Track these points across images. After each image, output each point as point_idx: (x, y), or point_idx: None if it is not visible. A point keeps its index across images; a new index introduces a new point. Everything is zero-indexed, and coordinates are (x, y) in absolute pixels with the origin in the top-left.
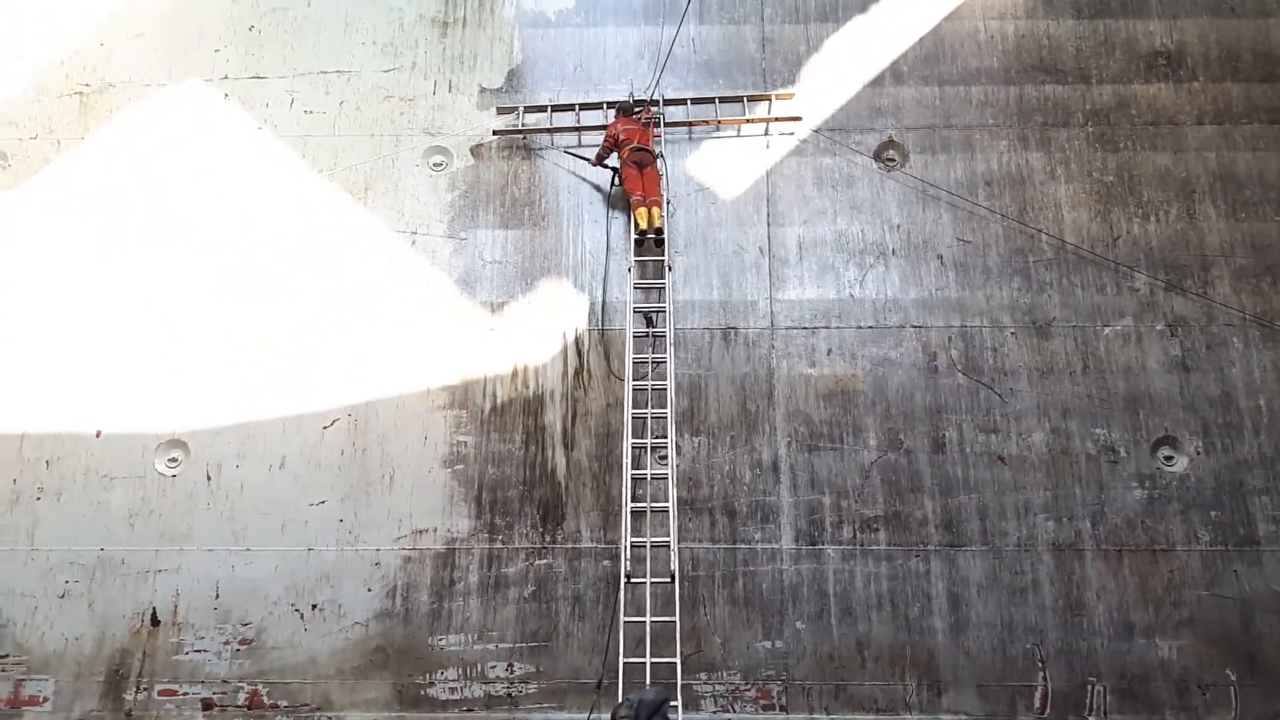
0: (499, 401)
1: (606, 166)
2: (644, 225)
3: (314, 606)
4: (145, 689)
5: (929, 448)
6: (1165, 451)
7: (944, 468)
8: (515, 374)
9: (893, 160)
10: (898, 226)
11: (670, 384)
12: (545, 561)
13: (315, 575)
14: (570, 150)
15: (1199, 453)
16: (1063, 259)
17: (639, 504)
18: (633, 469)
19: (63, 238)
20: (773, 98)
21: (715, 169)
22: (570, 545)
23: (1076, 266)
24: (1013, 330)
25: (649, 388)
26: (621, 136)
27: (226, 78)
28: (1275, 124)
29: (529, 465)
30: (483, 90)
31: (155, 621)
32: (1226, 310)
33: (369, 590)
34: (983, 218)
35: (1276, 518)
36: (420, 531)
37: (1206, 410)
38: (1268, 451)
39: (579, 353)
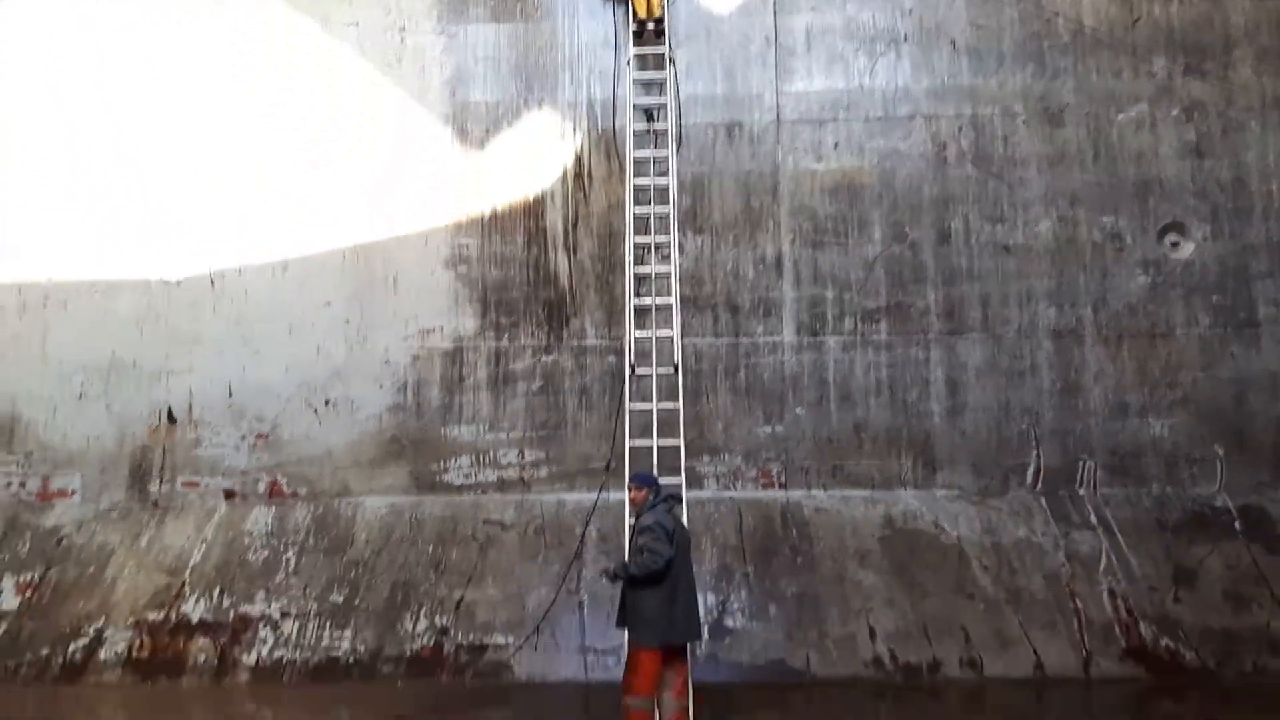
0: (499, 203)
1: None
2: (643, 14)
3: (327, 403)
4: (168, 481)
5: (934, 239)
6: (1172, 237)
7: (948, 258)
8: (515, 174)
9: None
10: (910, 11)
11: (672, 180)
12: (552, 358)
13: (326, 374)
14: None
15: (1206, 238)
16: (1079, 43)
17: (643, 300)
18: (636, 266)
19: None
20: None
21: None
22: (576, 342)
23: (1093, 50)
24: (1024, 118)
25: (651, 185)
26: None
27: None
28: None
29: (532, 266)
30: None
31: (172, 420)
32: (1246, 93)
33: (380, 387)
34: (998, 0)
35: (1278, 301)
36: (427, 331)
37: (1217, 195)
38: (1275, 236)
39: (578, 152)
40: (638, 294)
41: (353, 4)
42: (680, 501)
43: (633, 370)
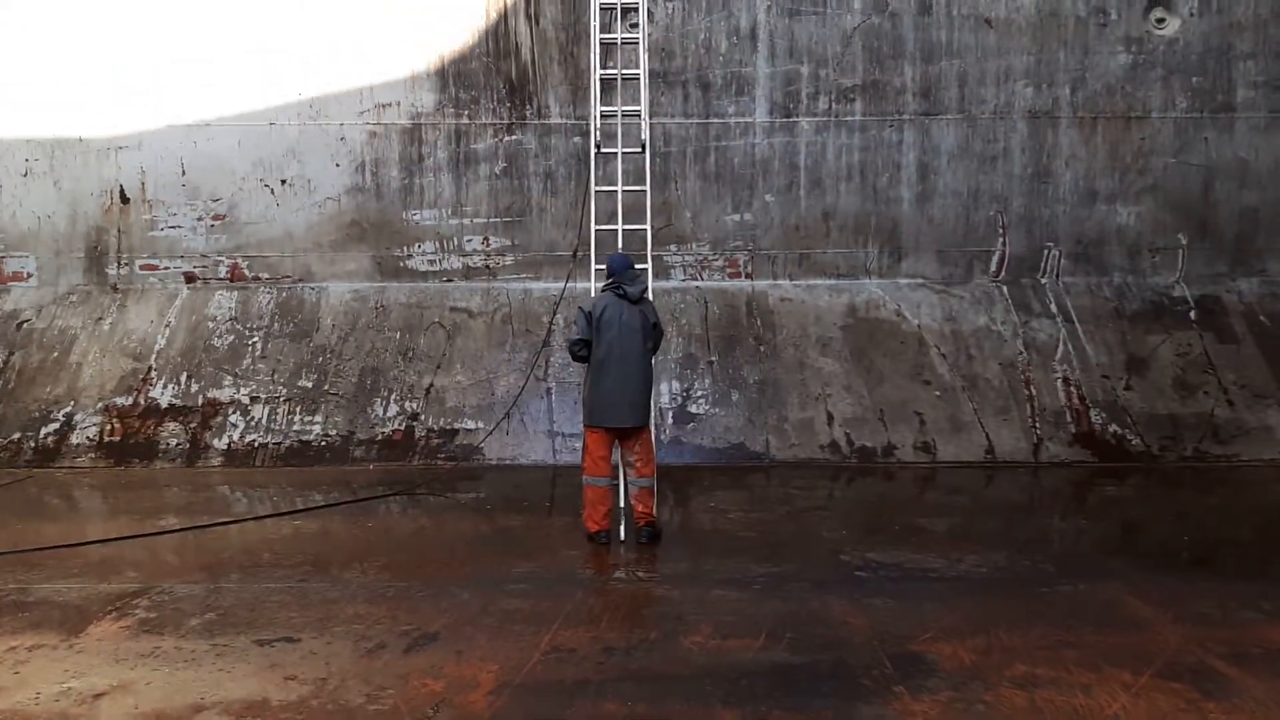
0: None
1: None
2: None
3: (283, 182)
4: (126, 265)
5: (915, 9)
6: (1158, 13)
7: (928, 31)
8: None
9: None
10: None
11: None
12: (515, 138)
13: (280, 151)
14: None
15: (1192, 14)
16: None
17: (609, 72)
18: (602, 34)
19: None
20: None
21: None
22: (539, 121)
23: None
24: None
25: None
26: None
27: None
28: None
29: (492, 35)
30: None
31: (124, 199)
32: None
33: (337, 165)
34: None
35: (1258, 83)
36: (383, 106)
37: None
38: (1263, 12)
39: None
40: (604, 66)
41: None
42: (631, 284)
43: (598, 150)
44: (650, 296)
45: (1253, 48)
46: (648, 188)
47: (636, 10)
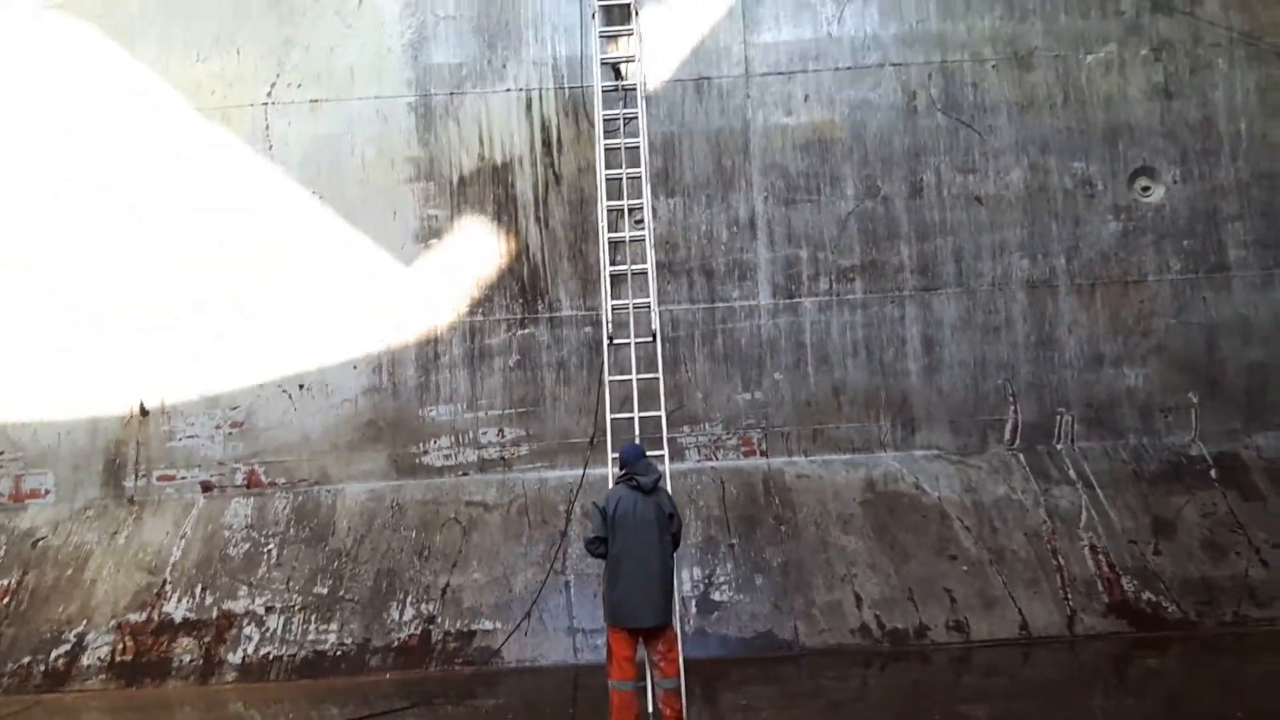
0: (466, 171)
1: None
2: None
3: (301, 387)
4: (144, 476)
5: (906, 193)
6: (1143, 182)
7: (921, 212)
8: (481, 140)
9: None
10: None
11: (643, 140)
12: (527, 331)
13: (295, 369)
14: None
15: (1176, 181)
16: None
17: (618, 268)
18: (609, 232)
19: None
20: None
21: None
22: (550, 314)
23: None
24: (994, 63)
25: (621, 146)
26: None
27: None
28: None
29: (503, 236)
30: None
31: (144, 412)
32: (1214, 29)
33: (354, 368)
34: None
35: (1248, 243)
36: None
37: (1186, 137)
38: (1244, 177)
39: (545, 114)
40: (612, 261)
41: None
42: (644, 474)
43: (610, 341)
44: (667, 484)
45: (1239, 209)
46: (660, 374)
47: (641, 208)
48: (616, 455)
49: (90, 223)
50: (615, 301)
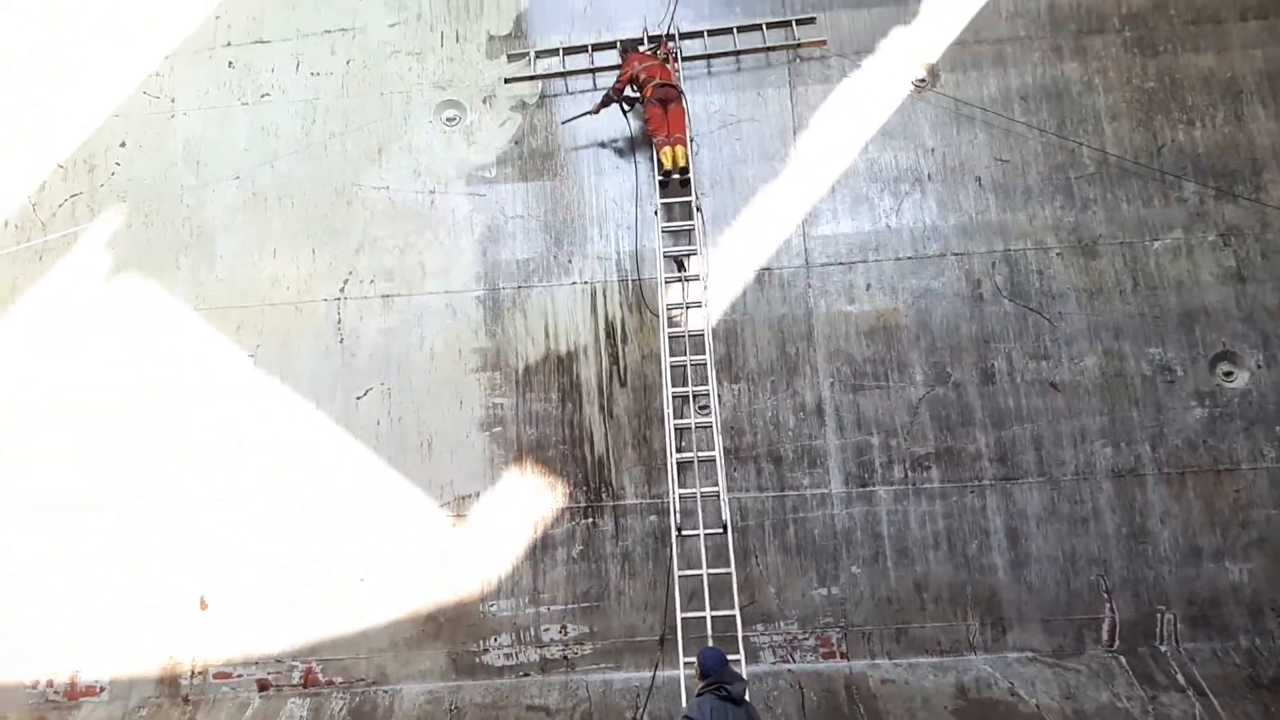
0: (532, 361)
1: (626, 101)
2: (669, 165)
3: (362, 580)
4: (199, 672)
5: (978, 379)
6: (1224, 367)
7: (994, 399)
8: (547, 331)
9: (923, 81)
10: (932, 150)
11: (707, 328)
12: (591, 521)
13: (360, 548)
14: (571, 119)
15: (1260, 366)
16: (1105, 172)
17: (684, 455)
18: (674, 419)
19: None
20: (794, 23)
21: (737, 102)
22: (615, 502)
23: (1120, 179)
24: (1058, 251)
25: (685, 335)
26: (642, 75)
27: (229, 44)
28: None
29: (567, 424)
30: (491, 38)
31: (204, 605)
32: None
33: (417, 560)
34: (1020, 135)
35: None
36: (463, 498)
37: (1265, 321)
38: None
39: (609, 304)
40: (678, 449)
41: (382, 166)
42: (732, 684)
43: (678, 532)
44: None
45: None
46: (732, 568)
47: (705, 395)
48: (690, 660)
49: (153, 413)
50: (683, 490)
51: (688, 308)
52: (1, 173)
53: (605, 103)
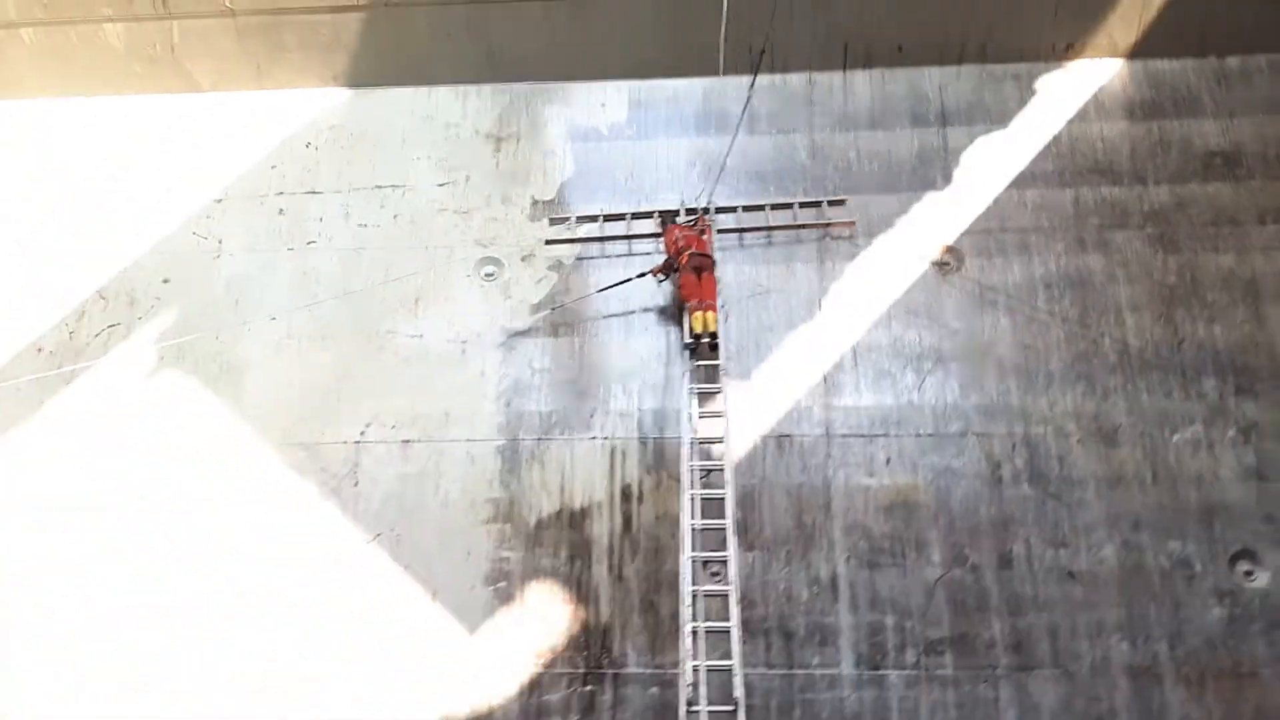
0: (544, 514)
1: (668, 269)
2: (699, 329)
3: None
4: None
5: (995, 563)
6: (1244, 566)
7: (1011, 585)
8: (562, 486)
9: (948, 264)
10: (955, 331)
11: (729, 492)
12: (589, 688)
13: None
14: (606, 287)
15: None
16: (1126, 363)
17: (713, 624)
18: (690, 585)
19: None
20: (825, 203)
21: (768, 274)
22: (615, 670)
23: (1141, 371)
24: (1078, 437)
25: (700, 498)
26: (681, 243)
27: (282, 193)
28: None
29: (574, 583)
30: (535, 202)
31: None
32: None
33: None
34: (1042, 322)
35: None
36: (459, 653)
37: None
38: None
39: (627, 462)
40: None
41: (418, 315)
42: None
43: (689, 708)
44: None
45: None
46: None
47: (718, 563)
48: None
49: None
50: (696, 661)
51: (708, 472)
52: (39, 301)
53: (666, 268)
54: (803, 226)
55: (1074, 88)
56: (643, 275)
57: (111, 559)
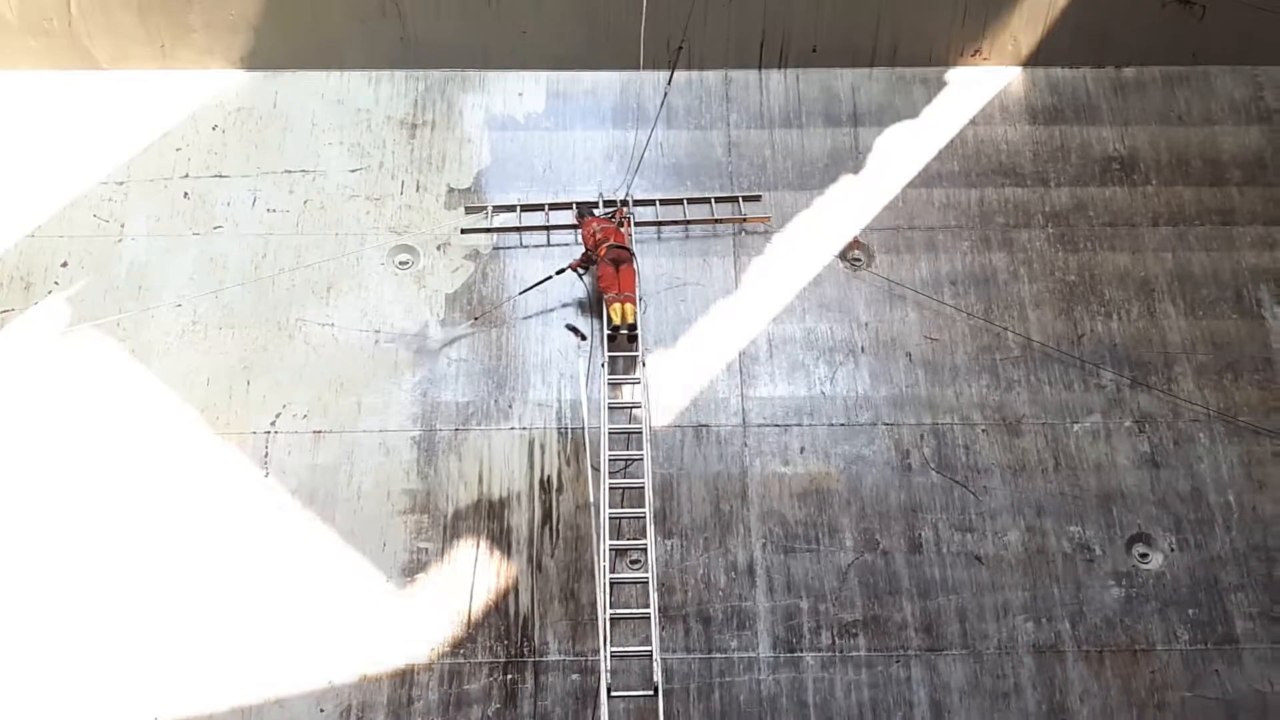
0: (461, 506)
1: (584, 262)
2: (618, 320)
3: None
4: None
5: (905, 548)
6: (1140, 549)
7: (921, 568)
8: (480, 476)
9: (858, 260)
10: (866, 324)
11: (648, 482)
12: (510, 676)
13: (260, 698)
14: (526, 289)
15: (1173, 549)
16: (1029, 356)
17: (621, 612)
18: (609, 574)
19: None
20: (740, 199)
21: (684, 267)
22: (536, 659)
23: (1043, 364)
24: (984, 427)
25: (621, 488)
26: (599, 235)
27: (187, 176)
28: (1226, 225)
29: (493, 573)
30: (451, 190)
31: None
32: (1191, 406)
33: (321, 710)
34: (949, 316)
35: (1253, 614)
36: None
37: (1178, 506)
38: (1240, 547)
39: (545, 453)
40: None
41: (329, 304)
42: None
43: (609, 694)
44: None
45: (1239, 580)
46: None
47: (637, 550)
48: None
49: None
50: (616, 648)
51: (627, 461)
52: None
53: (585, 261)
54: (719, 221)
55: (979, 92)
56: (561, 271)
57: (8, 552)
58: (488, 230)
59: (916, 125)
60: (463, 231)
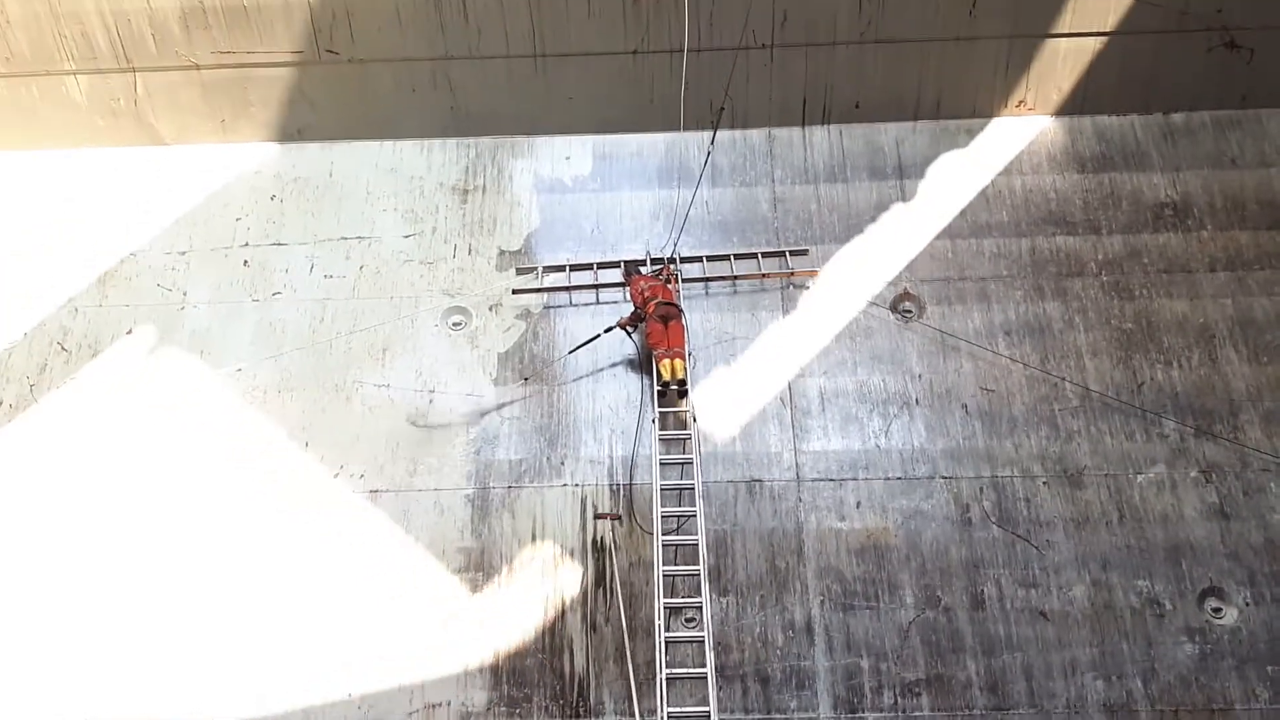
0: (515, 563)
1: (634, 320)
2: (667, 376)
3: None
4: None
5: (968, 604)
6: (1212, 603)
7: (985, 625)
8: (534, 534)
9: (909, 311)
10: (919, 376)
11: (701, 538)
12: None
13: None
14: (576, 348)
15: (1248, 604)
16: (1089, 406)
17: (673, 670)
18: (664, 632)
19: None
20: (787, 253)
21: (733, 322)
22: (592, 719)
23: (1103, 414)
24: (1044, 480)
25: (675, 545)
26: (647, 293)
27: (247, 245)
28: None
29: (549, 633)
30: (502, 252)
31: None
32: (1260, 455)
33: None
34: (1004, 367)
35: None
36: (433, 705)
37: (1251, 559)
38: None
39: (600, 508)
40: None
41: (385, 365)
42: None
43: None
44: None
45: None
46: None
47: (698, 609)
48: None
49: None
50: (673, 709)
51: (680, 517)
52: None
53: (634, 319)
54: (767, 276)
55: (1026, 142)
56: (610, 329)
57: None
58: (538, 290)
59: (963, 176)
60: (514, 292)
